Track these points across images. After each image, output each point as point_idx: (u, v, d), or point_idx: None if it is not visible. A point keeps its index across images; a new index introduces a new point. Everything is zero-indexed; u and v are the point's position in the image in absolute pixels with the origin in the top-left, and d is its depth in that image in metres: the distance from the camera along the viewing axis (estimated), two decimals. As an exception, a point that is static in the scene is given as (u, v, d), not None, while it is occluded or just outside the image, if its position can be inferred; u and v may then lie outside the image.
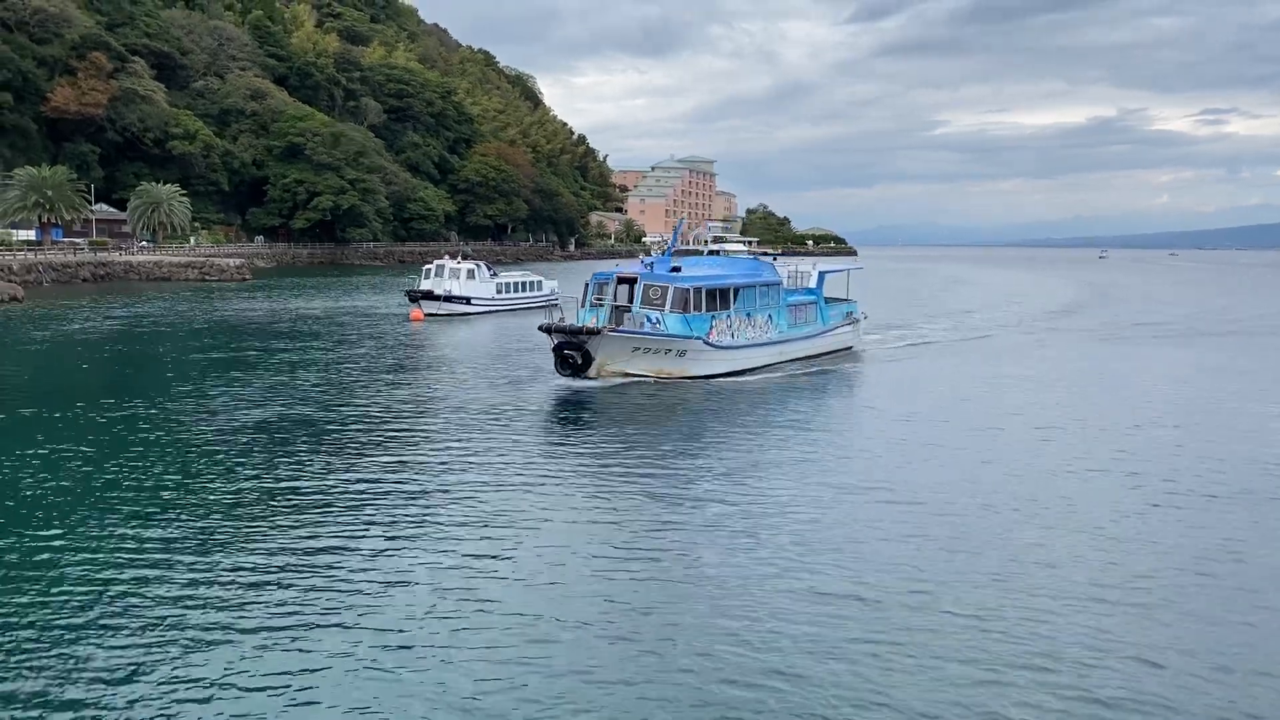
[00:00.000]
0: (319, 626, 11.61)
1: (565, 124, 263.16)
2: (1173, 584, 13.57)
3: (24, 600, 12.28)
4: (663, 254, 36.13)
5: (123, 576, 13.15)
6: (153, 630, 11.43)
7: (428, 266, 58.03)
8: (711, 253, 38.59)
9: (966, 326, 54.44)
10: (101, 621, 11.66)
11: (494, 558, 14.00)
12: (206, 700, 9.84)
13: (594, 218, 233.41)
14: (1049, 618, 12.17)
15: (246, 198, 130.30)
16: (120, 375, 32.42)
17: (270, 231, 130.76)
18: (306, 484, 18.04)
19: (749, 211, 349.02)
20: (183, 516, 15.86)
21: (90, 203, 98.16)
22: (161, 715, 9.55)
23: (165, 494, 17.23)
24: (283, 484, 18.01)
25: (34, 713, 9.54)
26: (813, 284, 41.04)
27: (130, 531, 15.02)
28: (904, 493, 18.07)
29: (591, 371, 29.76)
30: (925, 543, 15.08)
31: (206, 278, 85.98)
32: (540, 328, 30.28)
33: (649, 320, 31.02)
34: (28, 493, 17.19)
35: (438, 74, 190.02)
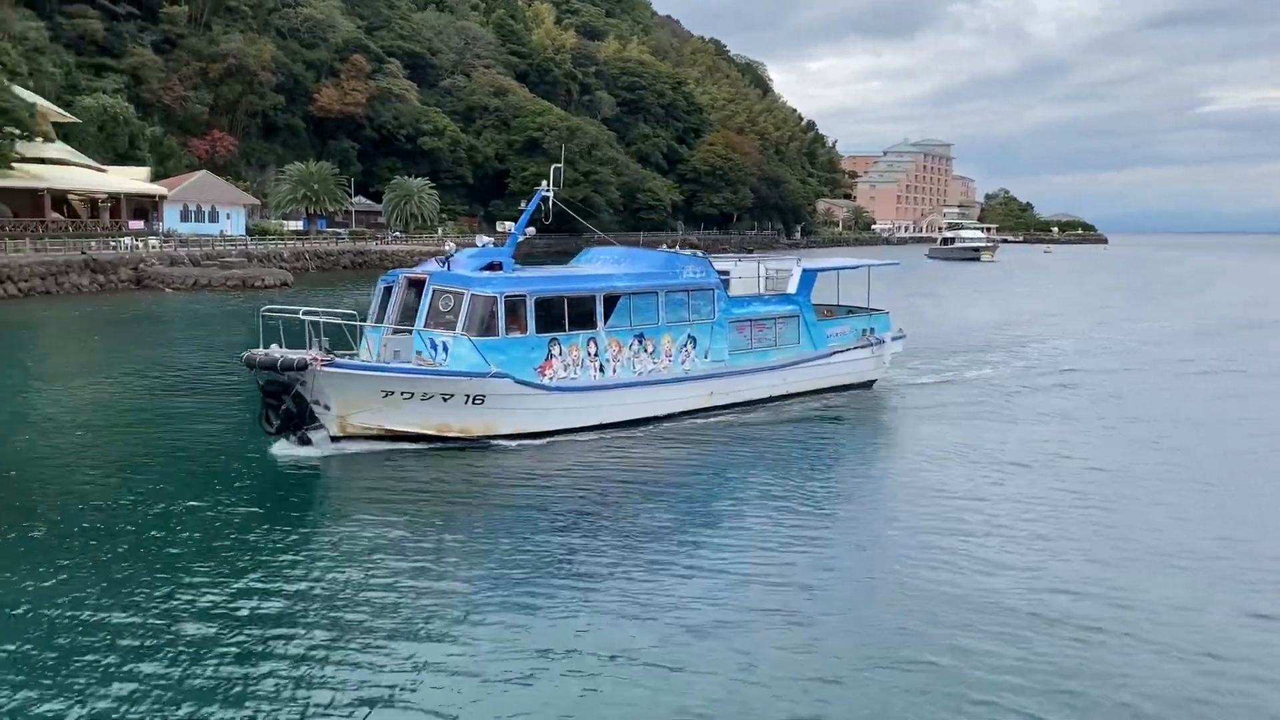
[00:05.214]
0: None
1: (794, 110, 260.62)
2: None
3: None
4: (502, 244, 24.39)
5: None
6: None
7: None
8: (945, 241, 34.35)
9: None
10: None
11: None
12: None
13: (821, 205, 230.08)
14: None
15: (489, 190, 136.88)
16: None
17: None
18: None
19: (988, 197, 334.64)
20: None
21: (350, 195, 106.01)
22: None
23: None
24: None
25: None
26: (792, 288, 26.85)
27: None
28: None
29: (331, 427, 19.37)
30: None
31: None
32: (244, 359, 19.09)
33: (431, 346, 20.34)
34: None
35: (669, 65, 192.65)
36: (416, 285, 21.35)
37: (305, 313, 19.53)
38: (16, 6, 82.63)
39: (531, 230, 25.13)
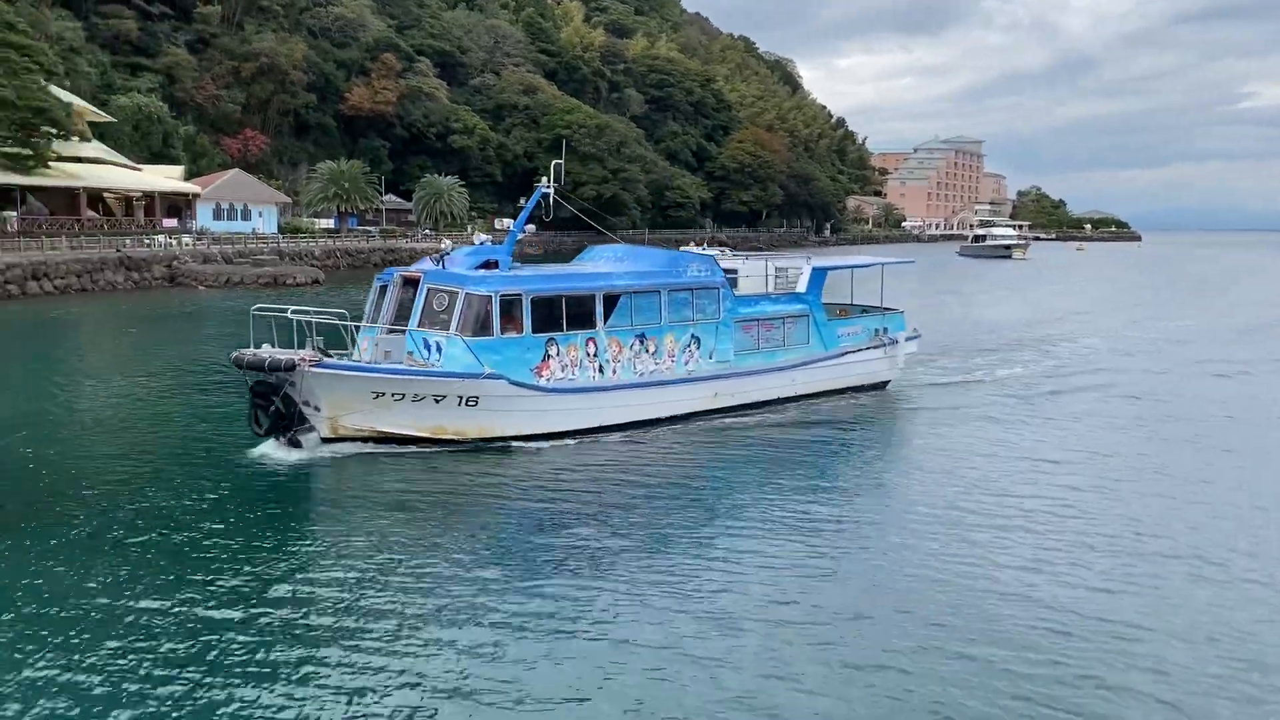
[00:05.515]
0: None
1: (824, 107, 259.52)
2: None
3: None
4: (498, 242, 24.16)
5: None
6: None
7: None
8: (977, 238, 33.74)
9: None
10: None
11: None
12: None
13: (851, 202, 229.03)
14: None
15: (518, 188, 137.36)
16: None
17: (538, 220, 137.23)
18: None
19: (1020, 194, 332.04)
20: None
21: (380, 193, 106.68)
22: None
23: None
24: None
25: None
26: (802, 287, 26.20)
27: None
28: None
29: (322, 429, 19.11)
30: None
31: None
32: (232, 359, 19.12)
33: (425, 346, 19.85)
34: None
35: (698, 62, 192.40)
36: (412, 284, 20.78)
37: (294, 311, 19.16)
38: (53, 7, 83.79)
39: (531, 228, 25.29)
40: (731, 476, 18.83)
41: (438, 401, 19.28)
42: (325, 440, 19.08)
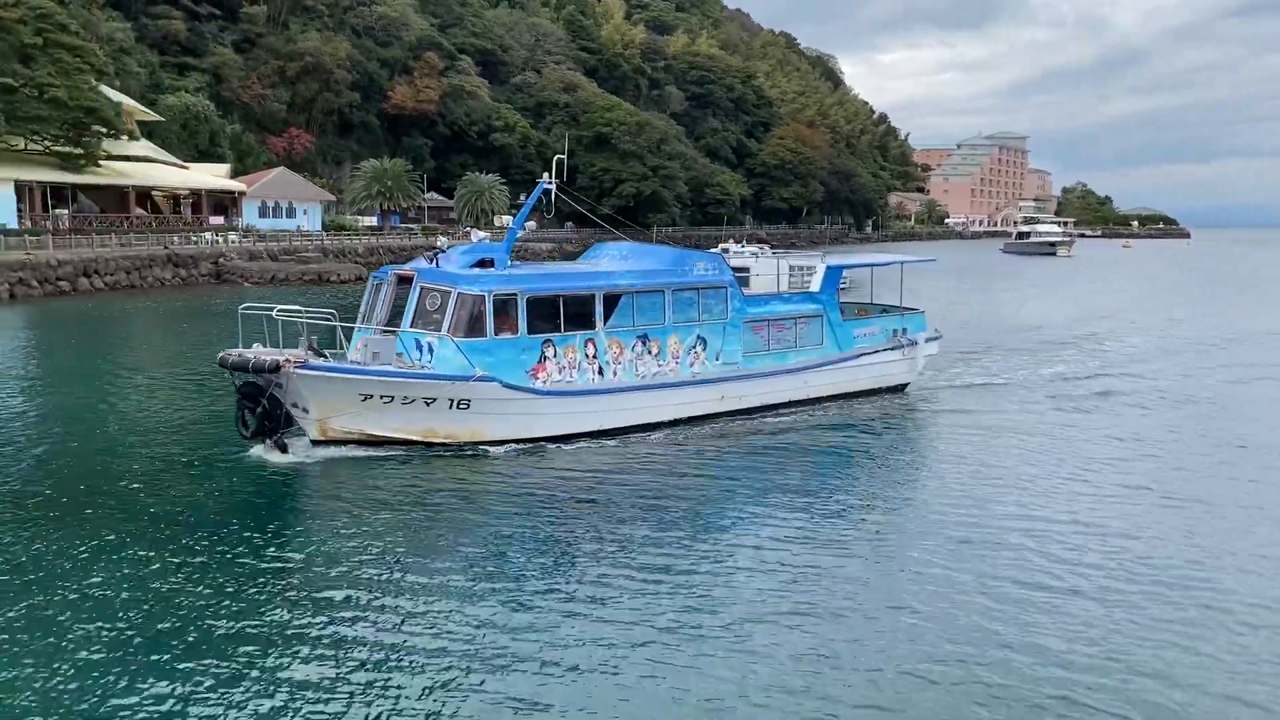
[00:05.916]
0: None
1: (866, 103, 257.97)
2: None
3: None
4: (495, 241, 23.07)
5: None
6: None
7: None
8: (1021, 235, 31.99)
9: None
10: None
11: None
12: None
13: (893, 199, 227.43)
14: None
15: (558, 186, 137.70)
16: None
17: (578, 218, 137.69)
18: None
19: (1065, 190, 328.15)
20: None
21: (423, 191, 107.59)
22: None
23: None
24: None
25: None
26: (816, 286, 25.27)
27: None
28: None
29: (311, 431, 18.73)
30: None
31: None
32: (218, 360, 18.63)
33: (416, 347, 19.39)
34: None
35: (738, 59, 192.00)
36: (406, 282, 20.19)
37: (279, 311, 18.69)
38: (104, 8, 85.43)
39: (531, 225, 24.61)
40: (751, 478, 18.46)
41: (428, 404, 18.77)
42: (315, 443, 18.69)
